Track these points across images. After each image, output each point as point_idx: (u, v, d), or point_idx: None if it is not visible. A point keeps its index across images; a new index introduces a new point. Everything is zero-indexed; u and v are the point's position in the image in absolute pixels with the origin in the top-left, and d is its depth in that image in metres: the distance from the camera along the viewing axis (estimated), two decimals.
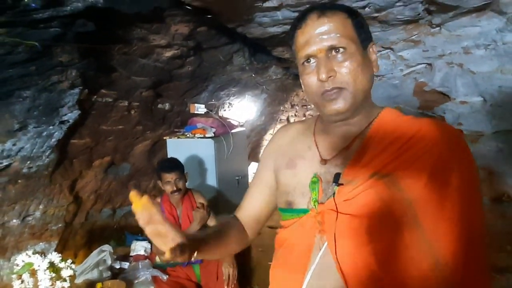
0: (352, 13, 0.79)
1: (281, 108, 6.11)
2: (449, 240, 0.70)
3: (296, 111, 6.39)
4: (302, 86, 0.82)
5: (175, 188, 2.24)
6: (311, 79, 0.77)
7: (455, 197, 0.72)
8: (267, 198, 0.96)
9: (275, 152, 0.95)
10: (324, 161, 0.82)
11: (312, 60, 0.77)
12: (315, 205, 0.78)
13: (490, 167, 2.56)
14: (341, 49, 0.75)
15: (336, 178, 0.76)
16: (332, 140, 0.84)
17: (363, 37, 0.79)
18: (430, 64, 2.66)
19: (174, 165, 2.32)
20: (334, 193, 0.76)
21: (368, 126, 0.81)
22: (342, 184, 0.75)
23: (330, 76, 0.74)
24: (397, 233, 0.71)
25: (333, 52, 0.75)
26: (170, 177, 2.25)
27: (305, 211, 0.81)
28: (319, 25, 0.76)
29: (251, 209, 0.99)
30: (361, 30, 0.79)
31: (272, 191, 0.94)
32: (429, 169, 0.72)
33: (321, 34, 0.75)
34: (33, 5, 1.31)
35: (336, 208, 0.74)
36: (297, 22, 0.81)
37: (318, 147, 0.85)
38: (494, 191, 2.46)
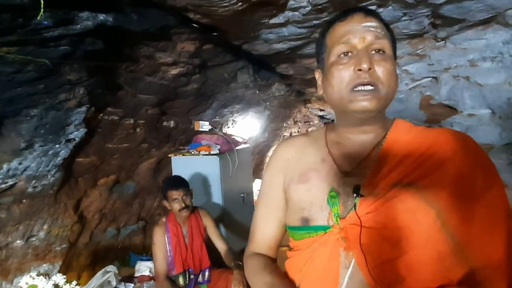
0: (389, 28, 0.80)
1: (284, 124, 6.12)
2: (484, 244, 0.67)
3: (299, 127, 6.39)
4: (329, 80, 0.78)
5: (183, 205, 2.20)
6: (344, 71, 0.75)
7: (485, 201, 0.69)
8: (281, 224, 0.90)
9: (283, 168, 0.89)
10: (344, 173, 0.79)
11: (350, 54, 0.76)
12: (337, 221, 0.75)
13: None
14: (381, 51, 0.75)
15: (357, 190, 0.74)
16: (349, 151, 0.82)
17: (394, 52, 0.80)
18: (436, 78, 2.66)
19: (180, 182, 2.29)
20: (355, 206, 0.73)
21: (384, 136, 0.80)
22: (363, 196, 0.73)
23: (370, 69, 0.73)
24: (427, 243, 0.68)
25: (373, 52, 0.75)
26: (177, 194, 2.21)
27: (324, 228, 0.76)
28: (366, 20, 0.76)
29: (268, 238, 0.92)
30: (394, 45, 0.81)
31: (284, 212, 0.89)
32: (453, 176, 0.70)
33: (368, 27, 0.75)
34: (45, 22, 1.32)
35: (360, 221, 0.71)
36: (339, 16, 0.80)
37: (334, 159, 0.82)
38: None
